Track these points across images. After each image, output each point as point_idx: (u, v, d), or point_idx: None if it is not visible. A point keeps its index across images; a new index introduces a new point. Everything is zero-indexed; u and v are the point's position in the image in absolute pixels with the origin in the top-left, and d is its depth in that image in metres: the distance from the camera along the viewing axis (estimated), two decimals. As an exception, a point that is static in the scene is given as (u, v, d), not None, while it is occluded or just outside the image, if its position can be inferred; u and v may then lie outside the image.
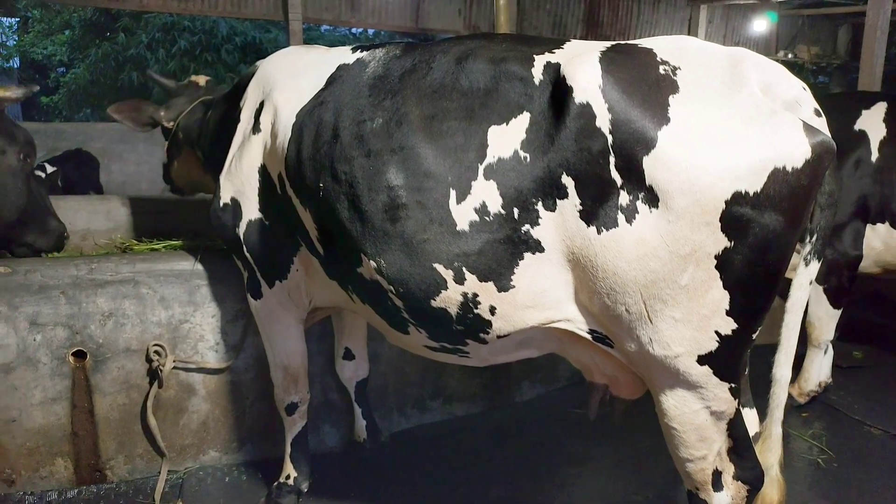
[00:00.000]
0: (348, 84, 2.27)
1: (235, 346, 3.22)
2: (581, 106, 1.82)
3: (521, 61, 2.00)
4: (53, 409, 3.00)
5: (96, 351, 3.01)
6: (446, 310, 2.08)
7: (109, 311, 3.02)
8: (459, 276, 2.00)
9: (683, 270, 1.77)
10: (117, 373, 3.06)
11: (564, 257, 1.92)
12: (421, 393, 3.72)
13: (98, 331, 3.01)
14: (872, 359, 4.74)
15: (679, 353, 1.85)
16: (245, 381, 3.29)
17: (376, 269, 2.13)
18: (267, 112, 2.53)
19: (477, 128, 1.98)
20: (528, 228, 1.92)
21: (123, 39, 13.43)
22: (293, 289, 2.68)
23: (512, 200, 1.92)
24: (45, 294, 2.93)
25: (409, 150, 2.03)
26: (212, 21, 13.14)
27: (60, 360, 2.97)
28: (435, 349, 2.31)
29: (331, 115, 2.23)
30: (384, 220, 2.06)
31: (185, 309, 3.13)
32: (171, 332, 3.12)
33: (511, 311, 2.01)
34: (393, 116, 2.09)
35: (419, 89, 2.10)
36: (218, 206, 2.71)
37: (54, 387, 2.98)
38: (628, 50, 1.91)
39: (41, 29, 19.64)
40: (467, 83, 2.04)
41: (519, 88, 1.96)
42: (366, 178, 2.08)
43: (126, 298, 3.04)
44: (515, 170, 1.91)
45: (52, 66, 20.19)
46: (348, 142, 2.15)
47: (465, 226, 1.97)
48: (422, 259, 2.02)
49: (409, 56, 2.22)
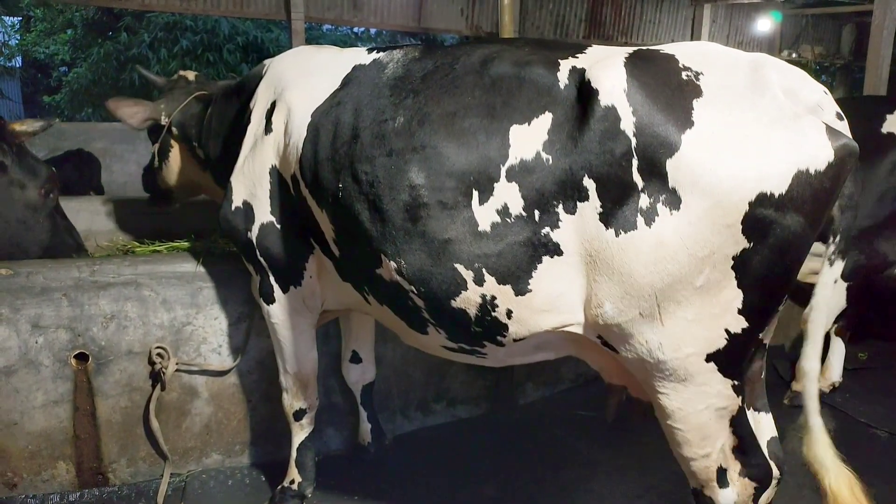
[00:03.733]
0: (366, 84, 2.26)
1: (238, 348, 3.21)
2: (606, 109, 1.83)
3: (545, 64, 2.01)
4: (55, 412, 2.98)
5: (98, 353, 2.99)
6: (465, 311, 2.08)
7: (112, 314, 3.00)
8: (479, 278, 2.01)
9: (700, 272, 1.78)
10: (119, 375, 3.04)
11: (583, 260, 1.91)
12: (424, 395, 3.70)
13: (100, 333, 2.99)
14: (877, 360, 4.72)
15: (689, 353, 1.86)
16: (248, 384, 3.27)
17: (396, 269, 2.12)
18: (279, 112, 2.50)
19: (498, 126, 1.97)
20: (548, 231, 1.92)
21: (126, 39, 13.44)
22: (308, 295, 2.66)
23: (533, 202, 1.92)
24: (46, 296, 2.92)
25: (431, 148, 2.02)
26: (214, 21, 13.14)
27: (62, 362, 2.95)
28: (453, 350, 2.31)
29: (350, 115, 2.22)
30: (405, 219, 2.05)
31: (187, 311, 3.11)
32: (174, 335, 3.10)
33: (527, 315, 2.01)
34: (415, 115, 2.08)
35: (441, 87, 2.09)
36: (229, 209, 2.67)
37: (56, 389, 2.96)
38: (651, 56, 1.92)
39: (43, 28, 19.65)
40: (490, 82, 2.04)
41: (543, 90, 1.97)
42: (387, 177, 2.07)
43: (128, 301, 3.02)
44: (537, 171, 1.91)
45: (54, 66, 20.20)
46: (369, 141, 2.13)
47: (486, 227, 1.97)
48: (443, 259, 2.02)
49: (430, 58, 2.23)
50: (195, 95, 3.28)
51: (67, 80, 16.41)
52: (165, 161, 3.41)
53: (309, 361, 2.81)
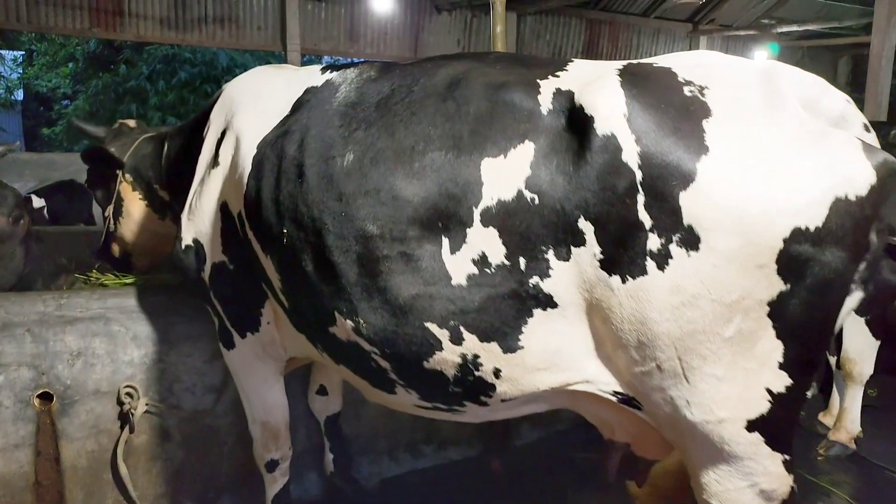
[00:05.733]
0: (316, 111, 1.99)
1: (213, 387, 3.02)
2: (604, 138, 1.59)
3: (522, 86, 1.75)
4: (15, 457, 2.77)
5: (64, 393, 2.81)
6: (442, 372, 1.83)
7: (78, 350, 2.82)
8: (456, 336, 1.75)
9: (728, 321, 1.53)
10: (86, 416, 2.85)
11: (582, 311, 1.68)
12: (413, 437, 3.50)
13: (66, 371, 2.81)
14: (888, 397, 4.50)
15: (723, 418, 1.59)
16: (223, 426, 3.07)
17: (354, 329, 1.87)
18: (228, 142, 2.24)
19: (467, 160, 1.71)
20: (538, 281, 1.67)
21: (124, 71, 13.49)
22: (268, 343, 2.42)
23: (517, 249, 1.67)
24: (8, 332, 2.74)
25: (386, 192, 1.75)
26: (212, 53, 13.22)
27: (24, 402, 2.76)
28: (427, 408, 2.06)
29: (295, 148, 1.94)
30: (362, 274, 1.79)
31: (159, 348, 2.93)
32: (145, 373, 2.91)
33: (519, 374, 1.77)
34: (367, 152, 1.81)
35: (397, 116, 1.83)
36: (180, 248, 2.43)
37: (17, 432, 2.76)
38: (647, 71, 1.69)
39: (45, 62, 19.85)
40: (454, 108, 1.77)
41: (521, 116, 1.71)
42: (337, 225, 1.80)
43: (96, 336, 2.85)
44: (520, 214, 1.65)
45: (56, 99, 20.34)
46: (315, 182, 1.86)
47: (461, 279, 1.71)
48: (410, 318, 1.77)
49: (386, 79, 1.95)
50: (144, 137, 3.08)
51: (66, 112, 16.48)
52: (120, 217, 3.10)
53: (277, 409, 2.59)
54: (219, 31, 8.63)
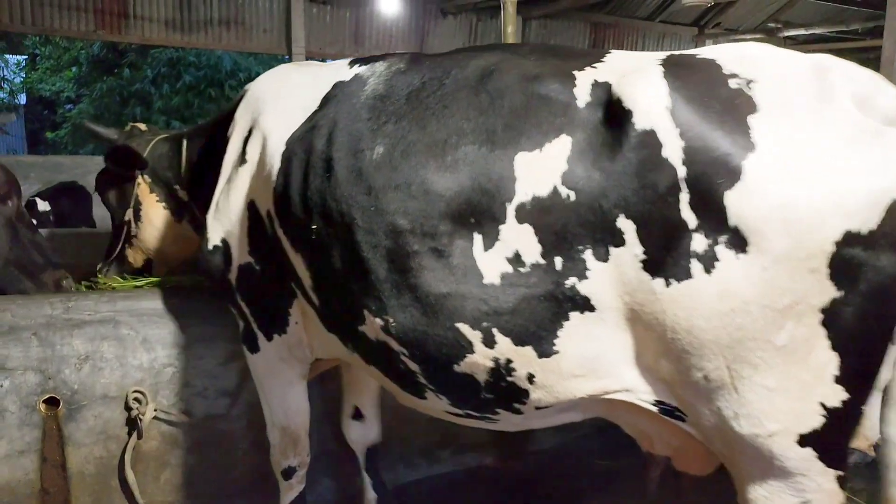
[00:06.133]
0: (344, 105, 1.95)
1: (226, 391, 2.94)
2: (644, 133, 1.52)
3: (558, 77, 1.69)
4: (21, 463, 2.69)
5: (71, 398, 2.73)
6: (473, 376, 1.76)
7: (86, 354, 2.74)
8: (489, 339, 1.69)
9: (780, 328, 1.45)
10: (94, 422, 2.77)
11: (622, 315, 1.60)
12: (429, 442, 3.40)
13: (73, 376, 2.73)
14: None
15: (773, 432, 1.51)
16: (235, 431, 2.99)
17: (383, 327, 1.82)
18: (255, 140, 2.20)
19: (501, 154, 1.66)
20: (574, 282, 1.60)
21: (129, 74, 13.46)
22: (295, 344, 2.35)
23: (553, 248, 1.60)
24: (14, 335, 2.66)
25: (417, 185, 1.71)
26: (216, 56, 13.18)
27: (30, 408, 2.68)
28: (459, 415, 1.99)
29: (323, 143, 1.91)
30: (391, 270, 1.74)
31: (169, 351, 2.85)
32: (154, 377, 2.83)
33: (555, 380, 1.69)
34: (397, 145, 1.77)
35: (429, 109, 1.78)
36: (206, 248, 2.37)
37: (22, 438, 2.68)
38: (689, 62, 1.61)
39: (49, 66, 19.84)
40: (488, 100, 1.72)
41: (557, 109, 1.65)
42: (366, 220, 1.76)
43: (105, 340, 2.76)
44: (556, 211, 1.59)
45: (59, 103, 20.33)
46: (344, 176, 1.82)
47: (494, 278, 1.65)
48: (441, 318, 1.71)
49: (416, 71, 1.91)
50: (159, 138, 3.00)
51: (70, 116, 16.45)
52: (139, 222, 2.99)
53: (299, 415, 2.51)
54: (224, 33, 8.57)
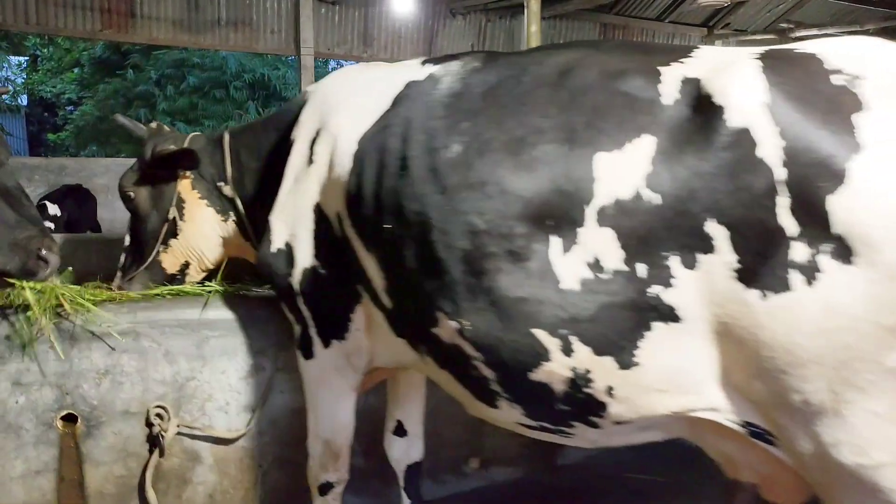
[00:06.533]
0: (419, 104, 1.92)
1: (248, 406, 2.82)
2: (737, 131, 1.45)
3: (643, 74, 1.63)
4: (37, 483, 2.57)
5: (89, 414, 2.60)
6: (549, 386, 1.69)
7: (105, 368, 2.62)
8: (567, 347, 1.62)
9: (891, 348, 1.34)
10: (113, 439, 2.65)
11: (710, 328, 1.50)
12: (457, 456, 3.29)
13: (92, 391, 2.60)
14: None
15: (881, 462, 1.39)
16: (259, 447, 2.87)
17: (457, 330, 1.77)
18: (323, 141, 2.17)
19: (580, 154, 1.60)
20: (659, 291, 1.52)
21: (132, 76, 13.35)
22: (354, 351, 2.28)
23: (636, 254, 1.53)
24: (30, 348, 2.54)
25: (493, 185, 1.66)
26: (221, 58, 13.07)
27: (47, 425, 2.56)
28: (532, 427, 1.91)
29: (398, 141, 1.89)
30: (466, 272, 1.70)
31: (192, 364, 2.73)
32: (176, 392, 2.71)
33: (635, 393, 1.61)
34: (473, 143, 1.73)
35: (506, 106, 1.74)
36: (269, 250, 2.31)
37: (39, 457, 2.56)
38: (789, 57, 1.52)
39: (50, 67, 19.73)
40: (568, 97, 1.67)
41: (641, 106, 1.59)
42: (441, 220, 1.73)
43: (125, 353, 2.64)
44: (639, 214, 1.52)
45: (60, 104, 20.21)
46: (419, 174, 1.80)
47: (573, 284, 1.59)
48: (517, 323, 1.65)
49: (493, 69, 1.87)
50: (194, 134, 2.91)
51: (72, 117, 16.33)
52: (182, 223, 2.78)
53: (345, 429, 2.41)
54: (232, 34, 8.46)
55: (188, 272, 2.90)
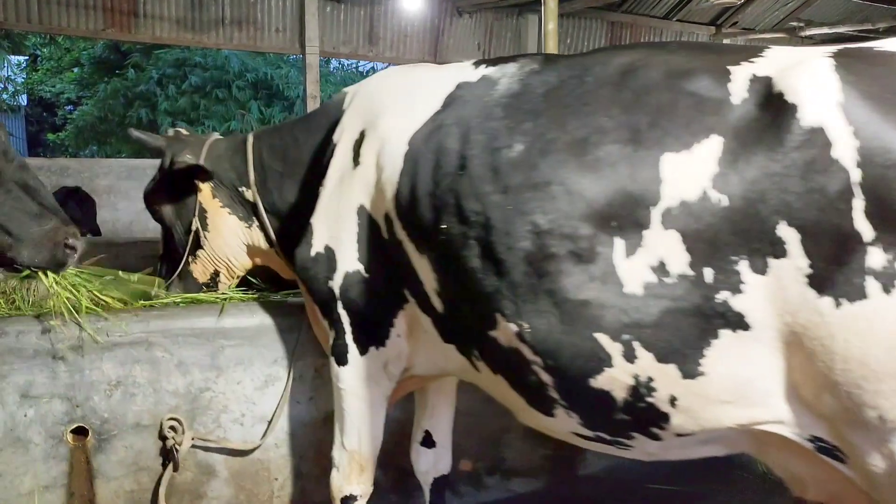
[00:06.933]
0: (474, 104, 1.90)
1: (264, 417, 2.72)
2: (810, 131, 1.41)
3: (711, 73, 1.59)
4: (47, 499, 2.47)
5: (100, 427, 2.51)
6: (609, 393, 1.63)
7: (117, 380, 2.52)
8: (629, 353, 1.57)
9: None
10: (125, 453, 2.55)
11: (780, 337, 1.45)
12: (476, 467, 3.19)
13: (103, 403, 2.51)
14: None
15: None
16: (275, 459, 2.77)
17: (517, 333, 1.71)
18: (370, 142, 2.13)
19: (645, 155, 1.57)
20: (727, 297, 1.47)
21: (133, 75, 13.23)
22: (393, 358, 2.22)
23: (702, 258, 1.49)
24: (40, 360, 2.44)
25: (557, 185, 1.63)
26: (223, 57, 12.95)
27: (56, 439, 2.46)
28: (587, 438, 1.85)
29: (455, 141, 1.85)
30: (528, 273, 1.65)
31: (206, 375, 2.64)
32: (190, 403, 2.62)
33: (699, 404, 1.55)
34: (536, 142, 1.71)
35: (569, 106, 1.71)
36: (308, 254, 2.26)
37: (48, 472, 2.46)
38: (863, 55, 1.47)
39: (50, 67, 19.61)
40: (632, 97, 1.63)
41: (709, 106, 1.54)
42: (503, 220, 1.69)
43: (137, 363, 2.55)
44: (707, 216, 1.48)
45: (60, 104, 20.08)
46: (479, 173, 1.76)
47: (636, 287, 1.55)
48: (579, 326, 1.61)
49: (552, 70, 1.85)
50: (214, 140, 2.81)
51: (72, 117, 16.22)
52: (207, 232, 2.72)
53: (373, 441, 2.32)
54: (236, 32, 8.34)
55: (219, 280, 2.85)
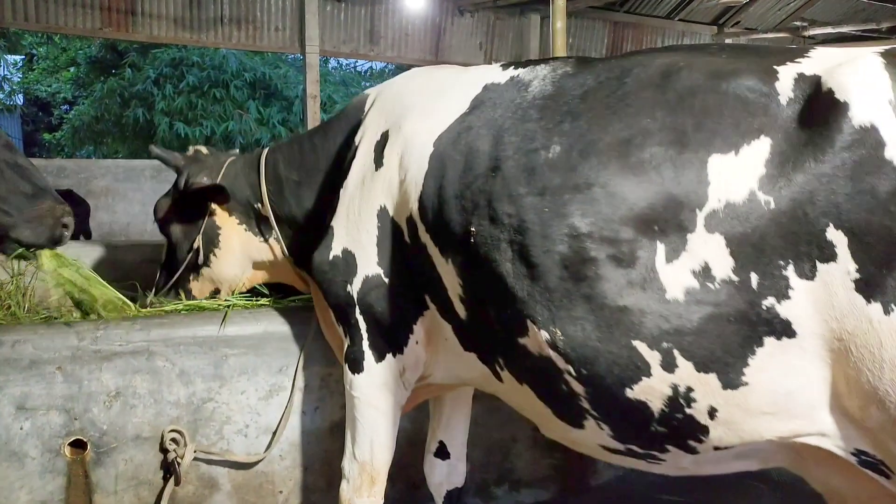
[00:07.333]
0: (504, 106, 1.85)
1: (268, 428, 2.63)
2: (860, 130, 1.37)
3: (757, 73, 1.53)
4: (43, 515, 2.39)
5: (99, 440, 2.42)
6: (646, 404, 1.57)
7: (117, 390, 2.43)
8: (669, 362, 1.51)
9: None
10: (124, 466, 2.46)
11: (825, 345, 1.39)
12: (484, 478, 3.11)
13: (102, 415, 2.42)
14: None
15: None
16: (280, 471, 2.69)
17: (549, 341, 1.64)
18: (394, 144, 2.08)
19: (692, 157, 1.51)
20: (773, 303, 1.42)
21: (130, 75, 13.09)
22: (410, 365, 2.16)
23: (748, 262, 1.43)
24: (36, 370, 2.35)
25: (599, 187, 1.58)
26: (221, 56, 12.83)
27: (53, 452, 2.37)
28: (616, 451, 1.77)
29: (487, 143, 1.80)
30: (564, 278, 1.59)
31: (209, 385, 2.55)
32: (192, 414, 2.53)
33: (739, 416, 1.49)
34: (576, 143, 1.65)
35: (609, 108, 1.65)
36: (326, 257, 2.21)
37: (44, 487, 2.37)
38: None
39: (46, 66, 19.47)
40: (676, 98, 1.57)
41: (756, 107, 1.49)
42: (539, 222, 1.63)
43: (137, 373, 2.46)
44: (752, 219, 1.43)
45: (55, 104, 19.93)
46: (514, 175, 1.70)
47: (678, 293, 1.49)
48: (616, 333, 1.54)
49: (589, 72, 1.80)
50: (230, 159, 2.75)
51: (68, 117, 16.08)
52: (216, 249, 2.67)
53: (385, 451, 2.24)
54: (235, 31, 8.24)
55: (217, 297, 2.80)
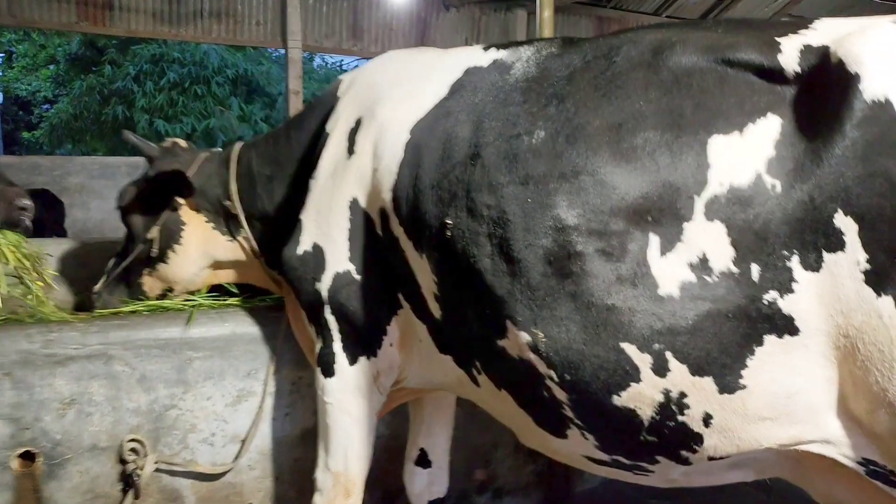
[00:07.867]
0: (486, 90, 1.73)
1: (236, 436, 2.49)
2: (874, 105, 1.25)
3: (758, 46, 1.40)
4: (-10, 532, 2.23)
5: (51, 451, 2.26)
6: (635, 412, 1.45)
7: (71, 397, 2.28)
8: (660, 365, 1.40)
9: None
10: (79, 479, 2.31)
11: (830, 342, 1.28)
12: (465, 486, 2.99)
13: (55, 424, 2.26)
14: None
15: None
16: (248, 482, 2.54)
17: (530, 344, 1.52)
18: (366, 130, 1.95)
19: (690, 140, 1.39)
20: (775, 297, 1.31)
21: (110, 72, 12.85)
22: (384, 369, 2.03)
23: (749, 252, 1.32)
24: (-18, 377, 2.19)
25: (588, 175, 1.45)
26: (202, 52, 12.62)
27: (1, 465, 2.21)
28: (602, 462, 1.65)
29: (466, 129, 1.68)
30: (548, 274, 1.47)
31: (172, 390, 2.40)
32: (154, 423, 2.38)
33: (736, 423, 1.38)
34: (562, 128, 1.52)
35: (598, 89, 1.53)
36: (295, 252, 2.08)
37: (-8, 501, 2.22)
38: None
39: (25, 64, 19.12)
40: (671, 78, 1.45)
41: (760, 83, 1.36)
42: (521, 213, 1.51)
43: (94, 379, 2.31)
44: (756, 204, 1.31)
45: (36, 102, 19.58)
46: (495, 163, 1.58)
47: (672, 289, 1.37)
48: (604, 335, 1.43)
49: (575, 52, 1.67)
50: (206, 156, 2.58)
51: (48, 115, 15.80)
52: (175, 245, 2.48)
53: (359, 460, 2.11)
54: (215, 25, 8.05)
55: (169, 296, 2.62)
